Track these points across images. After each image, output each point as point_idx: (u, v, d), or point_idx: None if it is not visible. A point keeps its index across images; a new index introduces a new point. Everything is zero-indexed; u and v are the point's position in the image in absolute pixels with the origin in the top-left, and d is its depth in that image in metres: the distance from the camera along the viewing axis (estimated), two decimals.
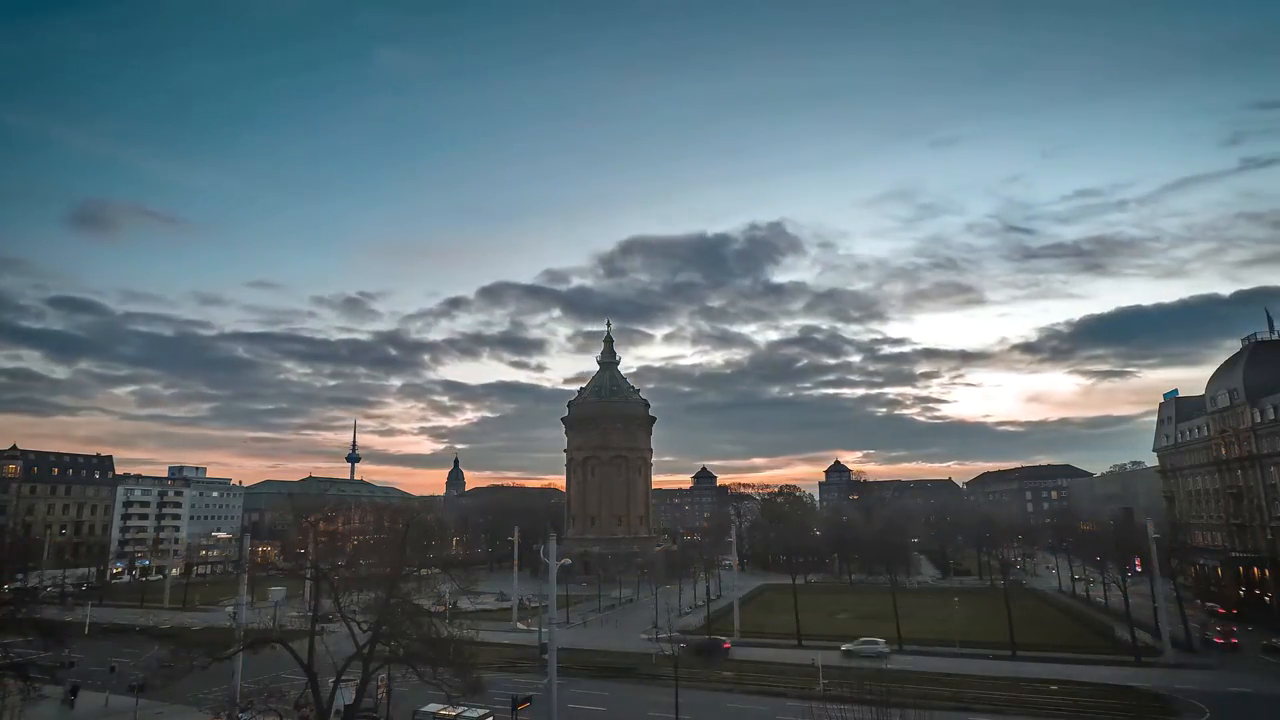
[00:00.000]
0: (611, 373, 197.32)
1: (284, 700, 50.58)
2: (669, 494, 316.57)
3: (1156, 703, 60.88)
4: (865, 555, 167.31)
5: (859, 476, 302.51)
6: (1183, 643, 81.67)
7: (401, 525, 54.21)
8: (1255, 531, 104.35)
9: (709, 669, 73.90)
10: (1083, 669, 73.02)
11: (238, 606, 64.64)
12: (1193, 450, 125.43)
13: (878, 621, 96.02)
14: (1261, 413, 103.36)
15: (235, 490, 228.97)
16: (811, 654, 74.32)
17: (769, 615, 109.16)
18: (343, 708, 45.62)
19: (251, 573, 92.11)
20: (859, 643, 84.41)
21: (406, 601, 47.06)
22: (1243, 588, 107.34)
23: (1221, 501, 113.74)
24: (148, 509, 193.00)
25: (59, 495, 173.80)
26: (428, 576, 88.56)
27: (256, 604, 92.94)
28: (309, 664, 42.13)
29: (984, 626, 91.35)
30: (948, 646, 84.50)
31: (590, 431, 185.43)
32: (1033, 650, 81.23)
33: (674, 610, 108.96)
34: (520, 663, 77.26)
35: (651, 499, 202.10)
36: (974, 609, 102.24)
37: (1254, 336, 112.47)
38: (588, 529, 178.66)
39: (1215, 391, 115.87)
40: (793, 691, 63.70)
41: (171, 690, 58.27)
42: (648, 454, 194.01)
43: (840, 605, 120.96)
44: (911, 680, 65.20)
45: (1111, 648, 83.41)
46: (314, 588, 50.20)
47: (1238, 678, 70.11)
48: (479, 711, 51.74)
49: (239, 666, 56.87)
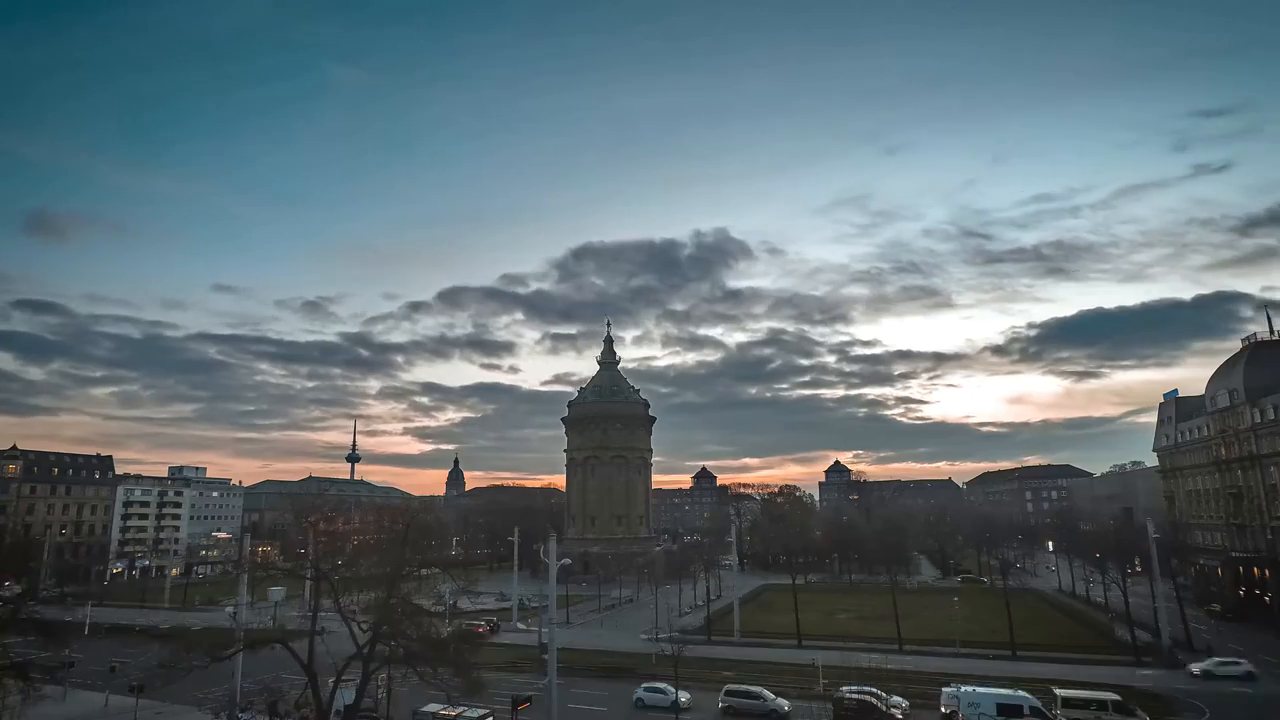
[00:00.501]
0: (611, 373, 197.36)
1: (284, 700, 50.63)
2: (669, 494, 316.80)
3: (1156, 703, 60.86)
4: (865, 555, 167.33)
5: (859, 477, 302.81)
6: (1183, 643, 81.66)
7: (402, 525, 54.05)
8: (1255, 531, 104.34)
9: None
10: (1083, 669, 72.98)
11: (238, 606, 64.61)
12: (1193, 450, 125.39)
13: (878, 622, 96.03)
14: (1261, 413, 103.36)
15: (235, 490, 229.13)
16: (812, 654, 74.35)
17: (769, 615, 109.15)
18: (343, 708, 45.62)
19: (251, 573, 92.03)
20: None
21: (406, 601, 47.05)
22: (1243, 588, 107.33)
23: (1221, 501, 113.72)
24: (148, 509, 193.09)
25: (59, 495, 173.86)
26: (428, 576, 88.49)
27: (256, 604, 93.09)
28: (309, 664, 42.12)
29: (984, 626, 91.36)
30: (948, 646, 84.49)
31: (590, 431, 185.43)
32: (1033, 650, 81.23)
33: (674, 610, 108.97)
34: (520, 663, 77.27)
35: (652, 499, 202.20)
36: (974, 609, 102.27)
37: (1254, 337, 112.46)
38: (588, 529, 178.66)
39: (1215, 391, 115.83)
40: (793, 691, 63.65)
41: (171, 690, 58.44)
42: (648, 454, 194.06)
43: (840, 605, 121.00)
44: (911, 680, 65.24)
45: (1111, 648, 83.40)
46: (314, 588, 50.20)
47: (1238, 678, 70.01)
48: (479, 711, 51.71)
49: (239, 666, 56.84)
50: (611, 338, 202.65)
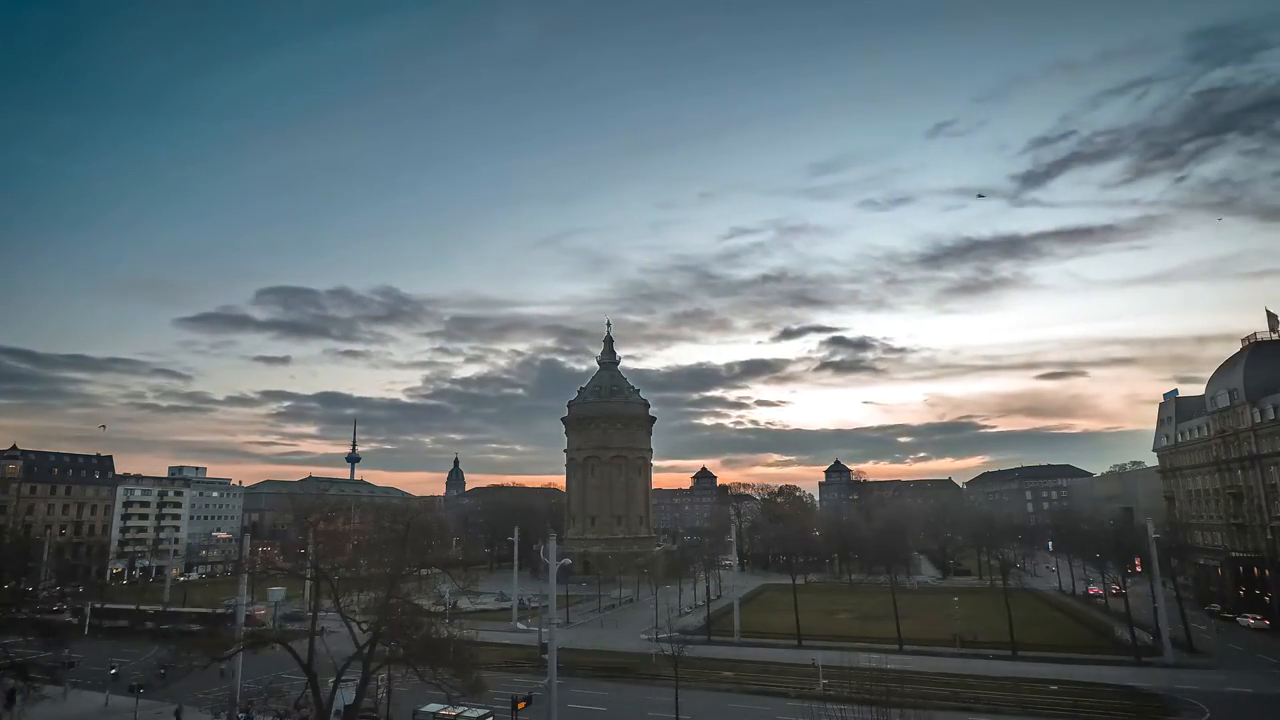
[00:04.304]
0: (611, 373, 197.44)
1: (284, 700, 50.63)
2: (669, 494, 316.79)
3: (1156, 703, 60.85)
4: (865, 555, 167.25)
5: (859, 477, 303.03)
6: (1183, 643, 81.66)
7: (402, 525, 54.05)
8: (1255, 531, 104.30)
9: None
10: (1083, 669, 72.99)
11: (238, 607, 64.61)
12: (1193, 450, 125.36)
13: (878, 621, 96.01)
14: (1261, 413, 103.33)
15: (235, 490, 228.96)
16: (812, 654, 74.34)
17: (769, 615, 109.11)
18: (343, 708, 45.63)
19: (251, 573, 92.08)
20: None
21: (406, 601, 47.04)
22: (1243, 588, 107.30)
23: (1221, 501, 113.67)
24: (148, 509, 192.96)
25: (59, 495, 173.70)
26: (428, 576, 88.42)
27: (256, 604, 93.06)
28: (309, 664, 42.12)
29: (984, 626, 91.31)
30: (948, 646, 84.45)
31: (590, 431, 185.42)
32: (1033, 650, 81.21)
33: (674, 610, 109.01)
34: (520, 663, 77.25)
35: (652, 499, 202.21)
36: (974, 609, 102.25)
37: (1254, 336, 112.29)
38: (588, 529, 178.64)
39: (1215, 391, 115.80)
40: (793, 691, 63.67)
41: (171, 690, 58.46)
42: (648, 454, 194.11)
43: (840, 605, 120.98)
44: (911, 680, 65.16)
45: (1112, 648, 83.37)
46: (314, 588, 50.19)
47: (1238, 678, 70.06)
48: (479, 711, 51.70)
49: (239, 666, 56.85)
50: (611, 338, 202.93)
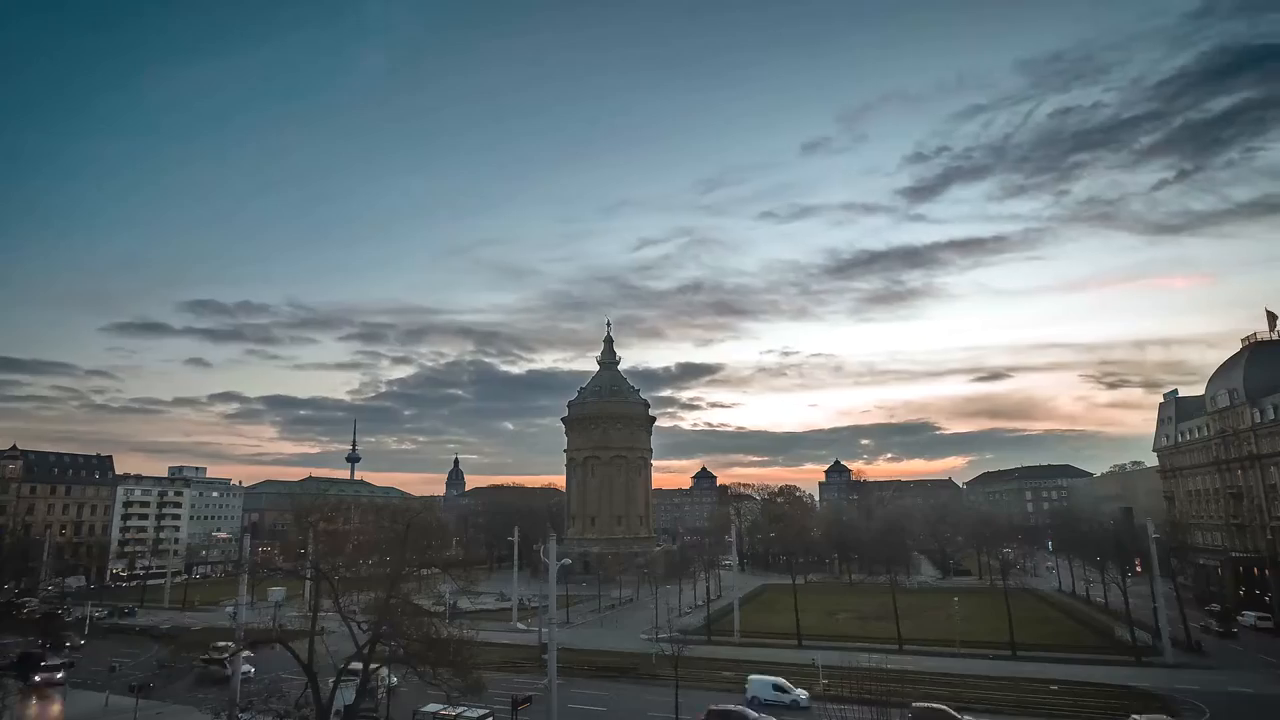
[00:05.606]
0: (611, 373, 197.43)
1: (284, 700, 50.57)
2: (669, 494, 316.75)
3: (1156, 703, 60.78)
4: (865, 555, 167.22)
5: (859, 477, 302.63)
6: (1183, 643, 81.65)
7: (402, 525, 54.06)
8: (1255, 531, 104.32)
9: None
10: (1083, 669, 72.96)
11: (238, 606, 64.59)
12: (1193, 450, 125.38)
13: (878, 621, 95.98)
14: (1261, 413, 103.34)
15: (235, 490, 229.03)
16: (812, 654, 74.34)
17: (769, 615, 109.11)
18: (343, 708, 45.60)
19: (251, 573, 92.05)
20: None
21: (406, 601, 47.05)
22: (1243, 588, 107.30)
23: (1221, 501, 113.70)
24: (148, 509, 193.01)
25: (59, 495, 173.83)
26: (428, 576, 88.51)
27: (256, 604, 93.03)
28: (309, 664, 42.11)
29: (984, 626, 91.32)
30: (948, 646, 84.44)
31: (590, 431, 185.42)
32: (1033, 650, 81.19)
33: (674, 610, 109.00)
34: (520, 663, 77.24)
35: (652, 499, 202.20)
36: (974, 609, 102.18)
37: (1254, 336, 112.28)
38: (588, 529, 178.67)
39: (1215, 391, 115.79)
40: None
41: (171, 690, 58.49)
42: (648, 454, 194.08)
43: (840, 605, 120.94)
44: (911, 680, 65.12)
45: (1111, 648, 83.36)
46: (314, 588, 50.19)
47: (1238, 677, 70.04)
48: (479, 711, 51.66)
49: (239, 666, 56.84)
50: (611, 337, 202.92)
